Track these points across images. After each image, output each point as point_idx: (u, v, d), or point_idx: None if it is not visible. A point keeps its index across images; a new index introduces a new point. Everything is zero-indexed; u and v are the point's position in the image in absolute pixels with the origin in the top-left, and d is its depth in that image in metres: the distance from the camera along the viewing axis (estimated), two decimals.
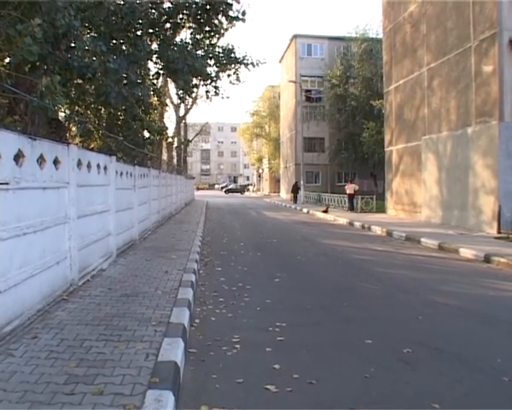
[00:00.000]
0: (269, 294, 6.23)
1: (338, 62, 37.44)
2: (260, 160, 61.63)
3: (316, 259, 9.40)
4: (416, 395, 3.28)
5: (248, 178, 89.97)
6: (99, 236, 7.16)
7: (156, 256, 8.49)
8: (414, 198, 17.80)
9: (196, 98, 34.68)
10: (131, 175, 10.20)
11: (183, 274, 6.79)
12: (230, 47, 13.15)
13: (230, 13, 11.37)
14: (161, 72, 12.27)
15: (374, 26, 46.11)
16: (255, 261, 8.95)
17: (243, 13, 11.72)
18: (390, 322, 5.06)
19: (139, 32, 10.52)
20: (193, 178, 45.77)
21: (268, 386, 3.37)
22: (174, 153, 36.20)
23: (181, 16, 11.20)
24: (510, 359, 3.97)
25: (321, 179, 40.26)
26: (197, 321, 4.97)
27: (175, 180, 21.64)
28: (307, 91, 38.70)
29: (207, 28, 11.81)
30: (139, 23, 10.16)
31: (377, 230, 14.42)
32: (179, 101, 27.87)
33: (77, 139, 12.18)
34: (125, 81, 9.57)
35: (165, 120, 27.49)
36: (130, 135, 12.92)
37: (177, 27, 11.67)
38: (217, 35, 12.75)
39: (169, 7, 10.83)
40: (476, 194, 13.42)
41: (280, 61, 47.86)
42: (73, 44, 8.02)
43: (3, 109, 6.85)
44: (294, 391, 3.32)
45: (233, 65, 13.69)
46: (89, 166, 6.63)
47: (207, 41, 12.81)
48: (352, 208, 22.26)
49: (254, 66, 14.07)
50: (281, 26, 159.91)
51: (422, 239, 11.54)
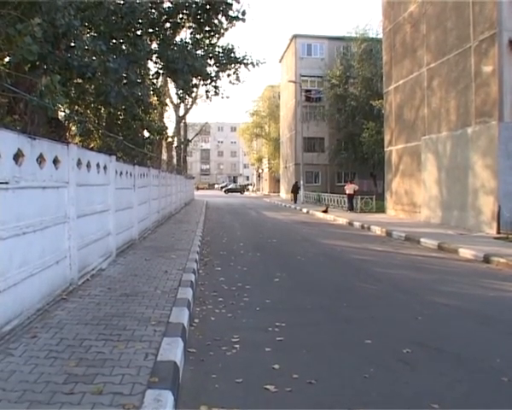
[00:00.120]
0: (268, 294, 6.23)
1: (338, 62, 37.45)
2: (260, 160, 61.62)
3: (315, 259, 9.40)
4: (416, 395, 3.29)
5: (248, 178, 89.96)
6: (99, 235, 7.16)
7: (156, 256, 8.49)
8: (413, 198, 17.81)
9: (196, 98, 34.72)
10: (131, 175, 10.20)
11: (183, 274, 6.79)
12: (230, 47, 13.14)
13: (230, 13, 11.37)
14: (161, 71, 12.26)
15: (374, 26, 46.17)
16: (255, 261, 8.96)
17: (243, 13, 11.71)
18: (389, 322, 5.06)
19: (139, 32, 10.51)
20: (193, 177, 45.76)
21: (267, 386, 3.37)
22: (174, 153, 36.19)
23: (181, 16, 11.19)
24: (510, 359, 3.97)
25: (321, 179, 40.27)
26: (197, 321, 4.97)
27: (175, 180, 21.63)
28: (307, 91, 38.71)
29: (207, 28, 11.81)
30: (139, 23, 10.15)
31: (377, 230, 14.43)
32: (179, 100, 27.88)
33: (76, 139, 12.17)
34: (125, 81, 9.57)
35: (164, 120, 27.51)
36: (129, 134, 12.92)
37: (177, 27, 11.67)
38: (217, 35, 12.74)
39: (169, 6, 10.83)
40: (476, 194, 13.42)
41: (280, 61, 47.86)
42: (73, 44, 8.02)
43: (3, 109, 6.85)
44: (294, 391, 3.32)
45: (233, 65, 13.68)
46: (88, 165, 6.63)
47: (207, 41, 12.81)
48: (352, 208, 22.26)
49: (254, 66, 14.06)
50: (281, 26, 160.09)
51: (422, 239, 11.55)
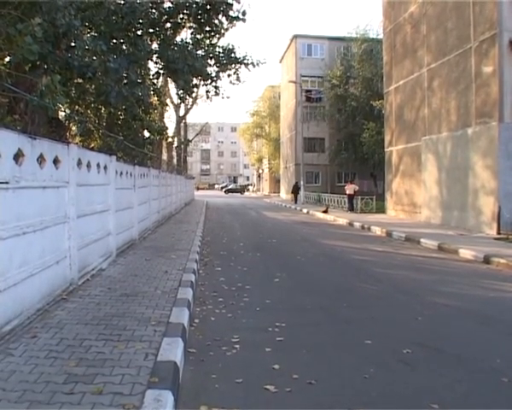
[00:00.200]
0: (268, 294, 6.23)
1: (338, 63, 37.46)
2: (260, 160, 61.61)
3: (315, 259, 9.40)
4: (416, 396, 3.29)
5: (248, 178, 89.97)
6: (99, 235, 7.16)
7: (156, 256, 8.49)
8: (414, 199, 17.80)
9: (196, 98, 34.70)
10: (131, 175, 10.20)
11: (183, 274, 6.79)
12: (231, 47, 13.14)
13: (231, 13, 11.36)
14: (161, 71, 12.26)
15: (374, 27, 46.00)
16: (255, 261, 8.95)
17: (243, 13, 11.71)
18: (389, 322, 5.06)
19: (139, 32, 10.51)
20: (193, 178, 45.76)
21: (267, 386, 3.37)
22: (174, 153, 36.19)
23: (181, 16, 11.19)
24: (510, 359, 3.97)
25: (321, 180, 40.27)
26: (197, 321, 4.97)
27: (175, 180, 21.64)
28: (307, 92, 38.71)
29: (208, 28, 11.80)
30: (139, 23, 10.15)
31: (377, 230, 14.43)
32: (179, 101, 27.84)
33: (77, 139, 12.17)
34: (126, 81, 9.56)
35: (165, 120, 27.50)
36: (130, 135, 12.92)
37: (178, 27, 11.66)
38: (217, 35, 12.74)
39: (169, 7, 10.82)
40: (476, 195, 13.42)
41: (280, 62, 47.87)
42: (74, 44, 8.02)
43: (3, 108, 6.85)
44: (294, 391, 3.32)
45: (233, 65, 13.67)
46: (89, 165, 6.63)
47: (208, 41, 12.80)
48: (352, 209, 22.26)
49: (254, 66, 14.06)
50: (281, 27, 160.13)
51: (422, 240, 11.54)
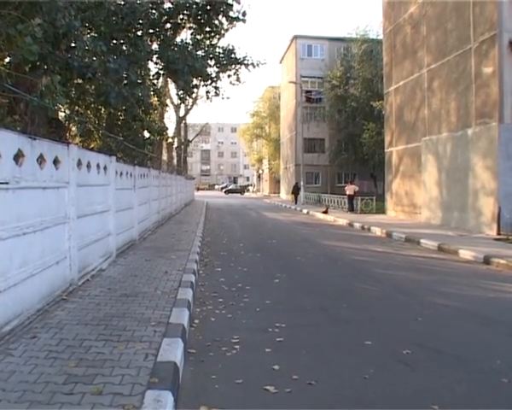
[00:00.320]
0: (268, 294, 6.23)
1: (338, 63, 37.48)
2: (260, 160, 61.63)
3: (315, 260, 9.40)
4: (416, 396, 3.29)
5: (248, 178, 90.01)
6: (99, 236, 7.16)
7: (156, 256, 8.49)
8: (414, 199, 17.80)
9: (196, 99, 34.72)
10: (131, 175, 10.20)
11: (183, 275, 6.79)
12: (231, 47, 13.15)
13: (231, 13, 11.35)
14: (161, 72, 12.26)
15: (374, 27, 45.85)
16: (255, 262, 8.95)
17: (243, 13, 11.71)
18: (389, 323, 5.06)
19: (139, 33, 10.51)
20: (193, 178, 45.75)
21: (267, 387, 3.37)
22: (174, 153, 36.22)
23: (181, 17, 11.18)
24: (509, 360, 3.97)
25: (321, 180, 40.27)
26: (197, 322, 4.97)
27: (175, 181, 21.65)
28: (307, 92, 38.71)
29: (208, 29, 11.80)
30: (139, 23, 10.16)
31: (377, 231, 14.43)
32: (179, 101, 27.89)
33: (77, 139, 12.16)
34: (126, 81, 9.56)
35: (165, 121, 27.53)
36: (130, 135, 12.92)
37: (178, 28, 11.66)
38: (217, 35, 12.74)
39: (169, 7, 10.82)
40: (476, 195, 13.42)
41: (280, 62, 47.88)
42: (74, 44, 8.02)
43: (3, 109, 6.84)
44: (294, 392, 3.32)
45: (233, 65, 13.69)
46: (89, 166, 6.63)
47: (208, 41, 12.81)
48: (352, 209, 22.26)
49: (255, 66, 14.08)
50: (281, 27, 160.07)
51: (422, 240, 11.54)
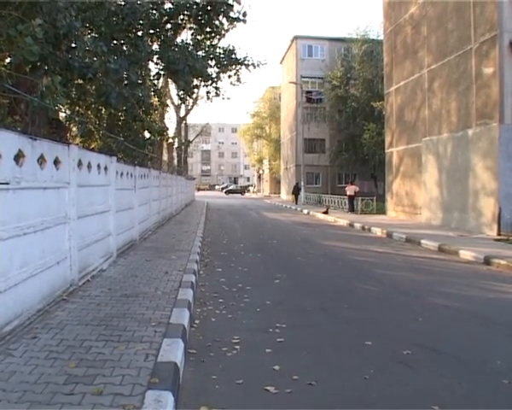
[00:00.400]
0: (269, 295, 6.23)
1: (338, 64, 37.46)
2: (261, 161, 61.63)
3: (316, 260, 9.40)
4: (416, 397, 3.28)
5: (249, 179, 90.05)
6: (99, 236, 7.16)
7: (156, 257, 8.49)
8: (414, 200, 17.80)
9: (197, 99, 34.69)
10: (132, 176, 10.21)
11: (183, 275, 6.79)
12: (231, 48, 13.17)
13: (231, 14, 11.36)
14: (162, 72, 12.27)
15: (374, 28, 45.84)
16: (255, 262, 8.95)
17: (244, 14, 11.72)
18: (390, 324, 5.06)
19: (140, 33, 10.52)
20: (193, 178, 45.74)
21: (268, 387, 3.37)
22: (175, 154, 36.22)
23: (182, 17, 11.20)
24: (510, 361, 3.96)
25: (321, 180, 40.26)
26: (197, 322, 4.97)
27: (175, 181, 21.64)
28: (308, 93, 38.69)
29: (208, 29, 11.81)
30: (140, 24, 10.17)
31: (377, 231, 14.42)
32: (180, 101, 27.88)
33: (77, 139, 12.17)
34: (126, 82, 9.56)
35: (165, 121, 27.53)
36: (130, 135, 12.91)
37: (178, 28, 11.68)
38: (217, 36, 12.76)
39: (170, 8, 10.83)
40: (476, 196, 13.42)
41: (280, 63, 47.88)
42: (74, 45, 8.02)
43: (4, 109, 6.84)
44: (294, 392, 3.32)
45: (234, 66, 13.70)
46: (89, 166, 6.63)
47: (208, 42, 12.83)
48: (353, 210, 22.25)
49: (255, 67, 14.09)
50: (281, 28, 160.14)
51: (422, 241, 11.54)
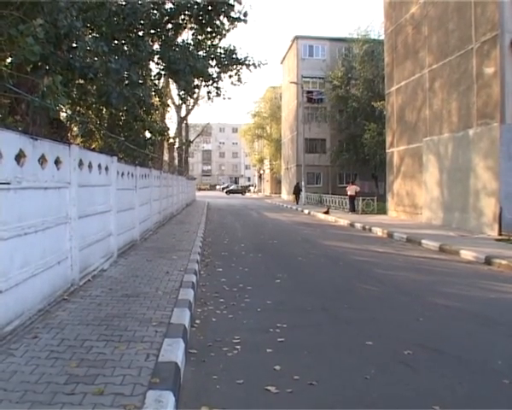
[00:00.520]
0: (269, 295, 6.23)
1: (339, 64, 37.44)
2: (261, 161, 61.61)
3: (316, 260, 9.39)
4: (417, 397, 3.28)
5: (249, 179, 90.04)
6: (100, 236, 7.16)
7: (157, 257, 8.49)
8: (415, 200, 17.78)
9: (198, 99, 34.65)
10: (133, 175, 10.21)
11: (184, 275, 6.79)
12: (232, 48, 13.15)
13: (232, 14, 11.35)
14: (163, 72, 12.27)
15: (375, 28, 46.04)
16: (256, 262, 8.95)
17: (245, 14, 11.71)
18: (390, 324, 5.06)
19: (141, 33, 10.52)
20: (194, 178, 45.75)
21: (268, 387, 3.37)
22: (175, 153, 36.19)
23: (183, 17, 11.19)
24: (511, 361, 3.96)
25: (322, 180, 40.24)
26: (198, 322, 4.97)
27: (176, 181, 21.65)
28: (309, 92, 38.66)
29: (209, 29, 11.80)
30: (141, 24, 10.17)
31: (378, 231, 14.41)
32: (181, 101, 27.76)
33: (78, 139, 12.17)
34: (127, 82, 9.57)
35: (166, 121, 27.46)
36: (131, 135, 12.91)
37: (179, 28, 11.67)
38: (218, 36, 12.75)
39: (171, 8, 10.82)
40: (477, 196, 13.40)
41: (281, 63, 47.85)
42: (75, 45, 8.02)
43: (5, 109, 6.84)
44: (295, 392, 3.32)
45: (234, 66, 13.68)
46: (90, 166, 6.64)
47: (209, 42, 12.82)
48: (353, 210, 22.24)
49: (256, 67, 14.06)
50: (282, 28, 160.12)
51: (423, 241, 11.53)
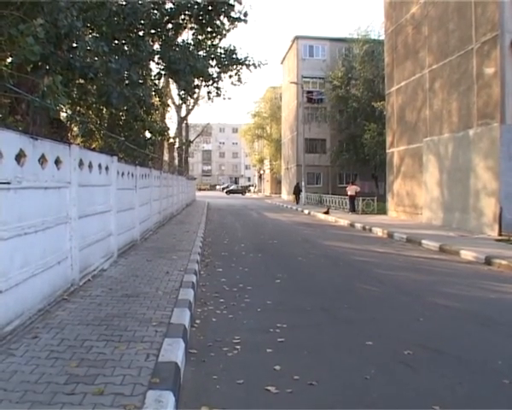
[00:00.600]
0: (269, 295, 6.23)
1: (339, 64, 37.43)
2: (261, 161, 61.61)
3: (316, 260, 9.39)
4: (417, 397, 3.28)
5: (249, 179, 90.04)
6: (100, 236, 7.16)
7: (157, 257, 8.49)
8: (415, 200, 17.78)
9: (198, 99, 34.63)
10: (133, 175, 10.21)
11: (184, 275, 6.79)
12: (232, 48, 13.16)
13: (232, 14, 11.36)
14: (163, 72, 12.28)
15: (375, 28, 46.03)
16: (256, 262, 8.95)
17: (245, 14, 11.72)
18: (391, 324, 5.06)
19: (141, 33, 10.52)
20: (194, 178, 45.72)
21: (268, 387, 3.37)
22: (175, 153, 36.18)
23: (183, 17, 11.20)
24: (511, 361, 3.95)
25: (322, 181, 40.24)
26: (198, 322, 4.97)
27: (176, 181, 21.65)
28: (309, 93, 38.64)
29: (209, 29, 11.81)
30: (141, 24, 10.17)
31: (378, 231, 14.41)
32: (181, 101, 27.76)
33: (78, 139, 12.17)
34: (127, 81, 9.57)
35: (166, 121, 27.42)
36: (131, 135, 12.92)
37: (179, 28, 11.68)
38: (218, 36, 12.76)
39: (171, 8, 10.83)
40: (477, 196, 13.40)
41: (281, 63, 47.83)
42: (75, 45, 8.03)
43: (5, 109, 6.84)
44: (295, 392, 3.32)
45: (235, 66, 13.69)
46: (90, 166, 6.64)
47: (209, 42, 12.83)
48: (354, 210, 22.23)
49: (256, 67, 14.07)
50: (282, 28, 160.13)
51: (423, 241, 11.53)
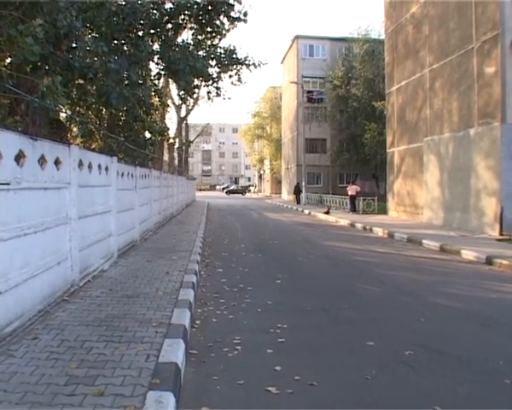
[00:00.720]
0: (270, 295, 6.22)
1: (340, 63, 37.42)
2: (262, 161, 61.61)
3: (317, 260, 9.38)
4: (418, 397, 3.27)
5: (250, 179, 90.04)
6: (100, 236, 7.16)
7: (157, 257, 8.48)
8: (416, 200, 17.77)
9: (198, 99, 34.61)
10: (133, 176, 10.20)
11: (184, 275, 6.78)
12: (232, 48, 13.16)
13: (232, 13, 11.34)
14: (163, 72, 12.27)
15: (376, 27, 46.08)
16: (256, 263, 8.94)
17: (245, 14, 11.71)
18: (391, 324, 5.04)
19: (140, 33, 10.51)
20: (194, 179, 45.73)
21: (269, 388, 3.36)
22: (175, 154, 36.20)
23: (182, 17, 11.19)
24: None
25: (322, 181, 40.23)
26: (198, 322, 4.96)
27: (176, 181, 21.65)
28: (309, 92, 38.62)
29: (209, 29, 11.80)
30: (141, 24, 10.16)
31: (379, 231, 14.40)
32: (180, 101, 27.79)
33: (78, 140, 12.17)
34: (127, 82, 9.57)
35: (166, 121, 27.43)
36: (131, 136, 12.91)
37: (179, 28, 11.67)
38: (218, 36, 12.75)
39: (170, 7, 10.82)
40: (478, 196, 13.38)
41: (281, 62, 47.83)
42: (75, 45, 8.02)
43: (5, 110, 6.84)
44: (295, 393, 3.31)
45: (234, 66, 13.68)
46: (90, 166, 6.63)
47: (209, 42, 12.83)
48: (354, 210, 22.22)
49: (256, 67, 14.06)
50: (282, 27, 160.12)
51: (424, 241, 11.51)
